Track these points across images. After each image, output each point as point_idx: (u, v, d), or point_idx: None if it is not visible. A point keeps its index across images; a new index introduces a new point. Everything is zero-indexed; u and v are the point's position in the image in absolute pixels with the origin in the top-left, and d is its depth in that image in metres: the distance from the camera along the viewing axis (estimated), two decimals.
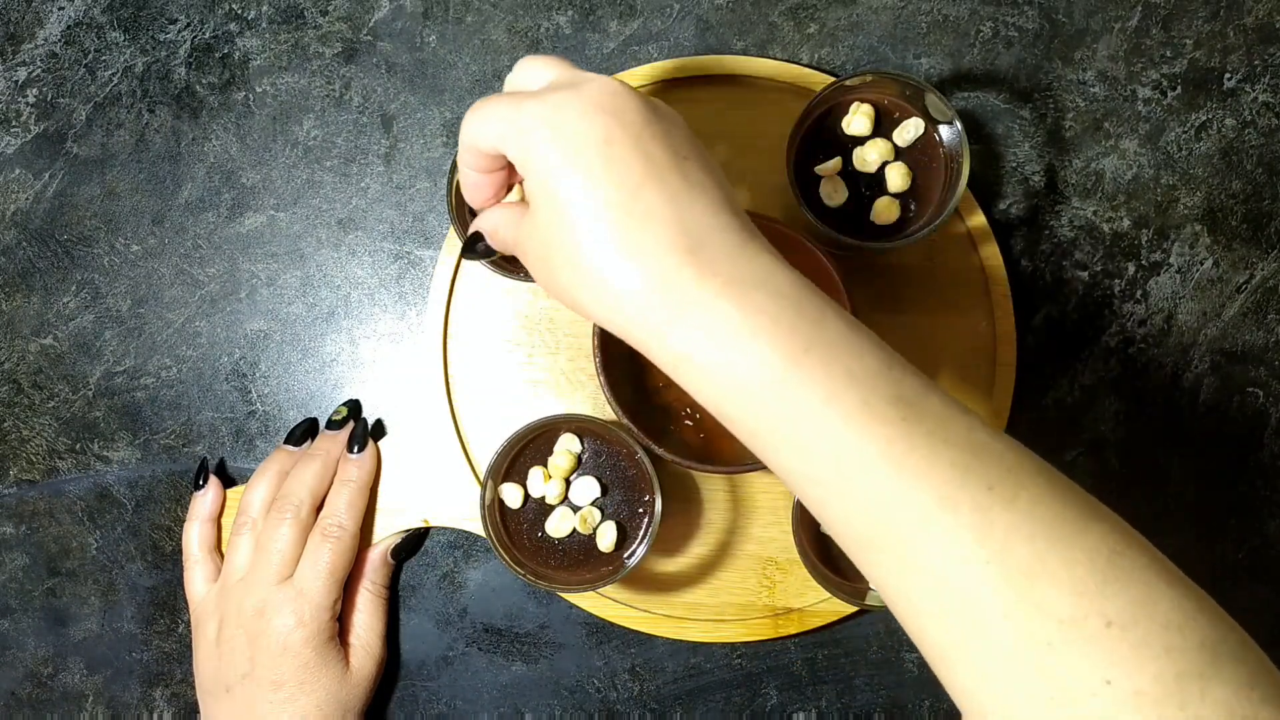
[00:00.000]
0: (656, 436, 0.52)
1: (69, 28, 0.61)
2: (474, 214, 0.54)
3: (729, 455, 0.55)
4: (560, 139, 0.37)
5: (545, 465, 0.54)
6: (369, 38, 0.61)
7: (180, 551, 0.59)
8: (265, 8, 0.61)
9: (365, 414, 0.61)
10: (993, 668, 0.33)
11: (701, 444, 0.55)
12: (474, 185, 0.43)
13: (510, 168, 0.42)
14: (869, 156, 0.53)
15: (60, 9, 0.61)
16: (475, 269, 0.59)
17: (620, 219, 0.36)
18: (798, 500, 0.52)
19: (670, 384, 0.56)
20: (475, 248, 0.44)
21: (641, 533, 0.53)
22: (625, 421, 0.51)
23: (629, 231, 0.36)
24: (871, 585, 0.36)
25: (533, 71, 0.41)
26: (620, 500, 0.54)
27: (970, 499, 0.33)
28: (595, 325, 0.52)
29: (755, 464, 0.52)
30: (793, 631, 0.58)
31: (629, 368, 0.56)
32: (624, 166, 0.36)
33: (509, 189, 0.44)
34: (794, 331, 0.35)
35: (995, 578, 0.32)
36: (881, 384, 0.35)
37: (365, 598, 0.58)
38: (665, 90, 0.58)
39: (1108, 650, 0.31)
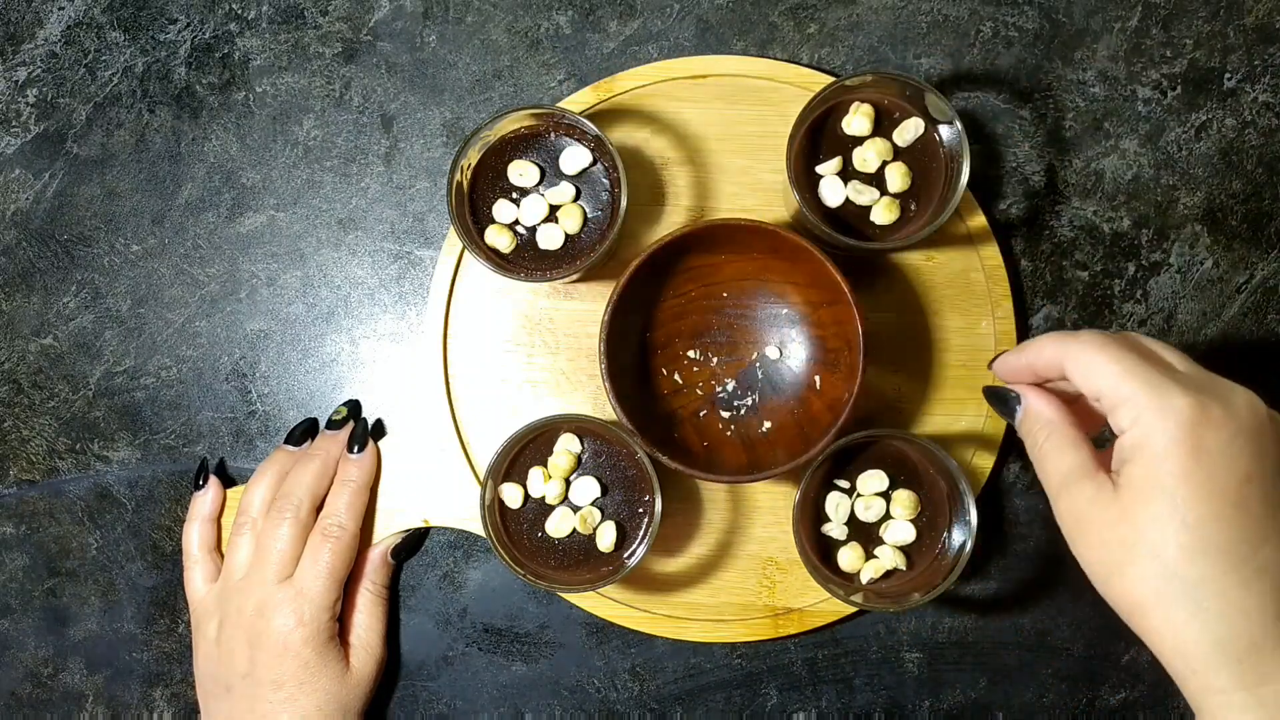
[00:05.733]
0: (661, 444, 0.52)
1: (69, 28, 0.61)
2: (476, 219, 0.54)
3: (733, 463, 0.55)
4: (1201, 452, 0.37)
5: (545, 465, 0.54)
6: (369, 38, 0.61)
7: (180, 551, 0.59)
8: (265, 8, 0.61)
9: (365, 414, 0.61)
10: None
11: (705, 452, 0.55)
12: (1017, 372, 0.44)
13: (1082, 407, 0.43)
14: (869, 156, 0.53)
15: (60, 9, 0.61)
16: (475, 268, 0.59)
17: (1232, 570, 0.36)
18: (798, 500, 0.52)
19: (675, 392, 0.57)
20: (1007, 403, 0.45)
21: (641, 533, 0.53)
22: (630, 427, 0.51)
23: (1236, 585, 0.36)
24: None
25: (1154, 345, 0.41)
26: (620, 500, 0.54)
27: None
28: (601, 331, 0.52)
29: (758, 474, 0.52)
30: (793, 631, 0.58)
31: (634, 376, 0.56)
32: (1252, 516, 0.36)
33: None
34: None
35: None
36: None
37: (365, 598, 0.58)
38: (665, 90, 0.58)
39: None
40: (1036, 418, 0.43)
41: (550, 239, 0.54)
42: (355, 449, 0.58)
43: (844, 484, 0.54)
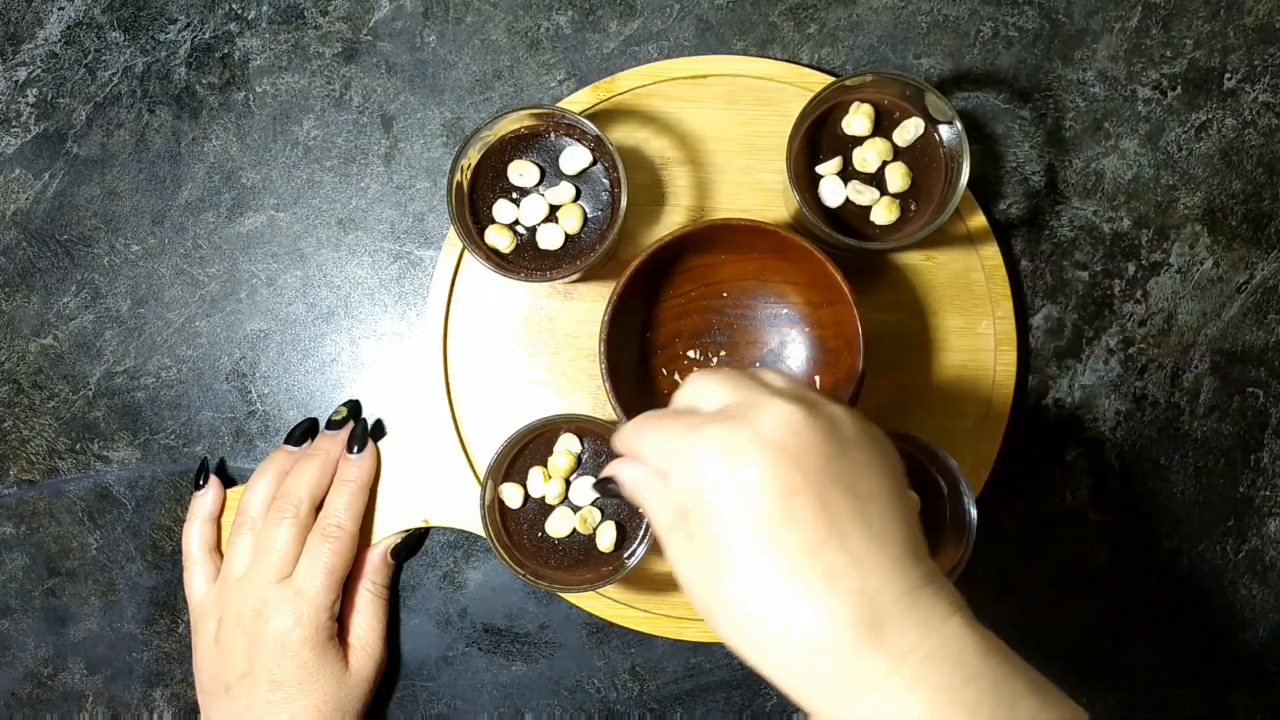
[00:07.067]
0: None
1: (69, 28, 0.61)
2: (476, 219, 0.54)
3: None
4: (736, 483, 0.35)
5: (545, 465, 0.54)
6: (369, 38, 0.61)
7: (180, 551, 0.59)
8: (265, 8, 0.61)
9: (365, 414, 0.61)
10: None
11: None
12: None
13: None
14: (869, 156, 0.53)
15: (60, 9, 0.61)
16: (475, 268, 0.59)
17: (798, 583, 0.35)
18: None
19: (675, 392, 0.57)
20: (606, 488, 0.43)
21: (641, 533, 0.53)
22: None
23: (807, 598, 0.34)
24: None
25: (705, 391, 0.40)
26: (620, 500, 0.54)
27: None
28: (601, 331, 0.52)
29: None
30: None
31: (634, 376, 0.56)
32: (804, 524, 0.35)
33: None
34: None
35: None
36: None
37: (365, 598, 0.58)
38: (665, 90, 0.58)
39: None
40: (633, 484, 0.41)
41: (550, 239, 0.54)
42: (355, 449, 0.58)
43: None
